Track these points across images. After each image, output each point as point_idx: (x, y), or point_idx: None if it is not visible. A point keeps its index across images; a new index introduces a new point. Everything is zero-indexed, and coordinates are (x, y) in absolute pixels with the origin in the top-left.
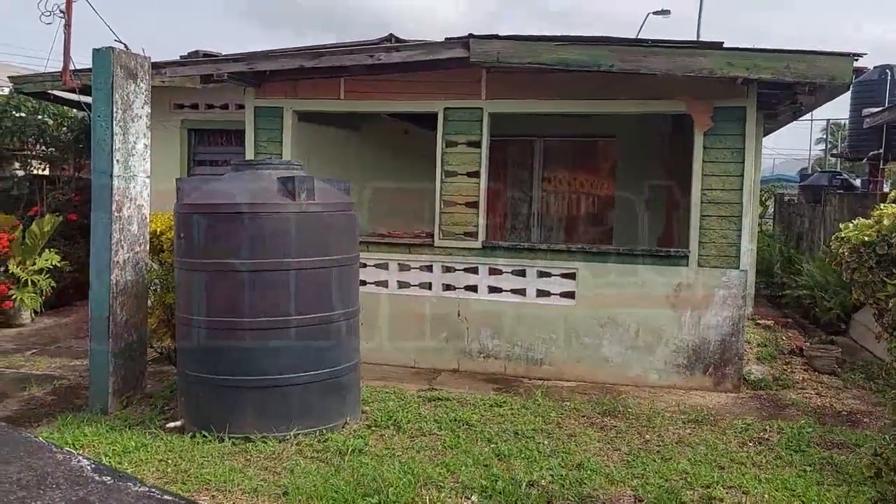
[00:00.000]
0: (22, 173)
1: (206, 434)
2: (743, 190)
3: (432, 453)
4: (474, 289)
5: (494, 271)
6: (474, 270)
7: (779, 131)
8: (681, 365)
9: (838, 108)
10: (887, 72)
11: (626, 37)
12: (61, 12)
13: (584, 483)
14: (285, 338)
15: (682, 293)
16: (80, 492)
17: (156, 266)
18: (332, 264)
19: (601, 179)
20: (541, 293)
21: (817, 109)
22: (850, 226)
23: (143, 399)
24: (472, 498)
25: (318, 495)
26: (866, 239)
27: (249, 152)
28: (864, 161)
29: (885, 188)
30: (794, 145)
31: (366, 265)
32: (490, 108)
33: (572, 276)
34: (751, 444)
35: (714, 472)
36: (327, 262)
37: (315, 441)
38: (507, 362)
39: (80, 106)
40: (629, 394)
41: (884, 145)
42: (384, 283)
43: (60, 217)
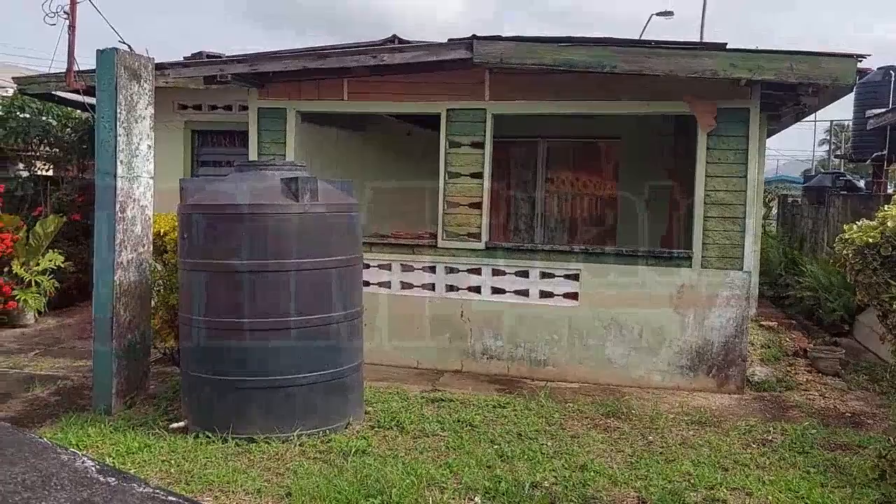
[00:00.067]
0: (26, 174)
1: (210, 435)
2: (746, 191)
3: (435, 454)
4: (477, 289)
5: (498, 272)
6: (477, 271)
7: (782, 132)
8: (684, 366)
9: (842, 110)
10: (891, 73)
11: (629, 38)
12: (65, 14)
13: (588, 484)
14: (287, 338)
15: (686, 294)
16: (85, 493)
17: (159, 267)
18: (335, 265)
19: (604, 180)
20: (544, 294)
21: (821, 111)
22: (854, 227)
23: (146, 400)
24: (476, 499)
25: (321, 496)
26: (870, 240)
27: (253, 153)
28: (868, 162)
29: (889, 190)
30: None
31: (369, 266)
32: (493, 110)
33: (575, 276)
34: (754, 446)
35: (717, 473)
36: (330, 262)
37: (318, 442)
38: (511, 363)
39: (84, 107)
40: (632, 395)
41: (888, 146)
42: (387, 284)
43: (64, 218)
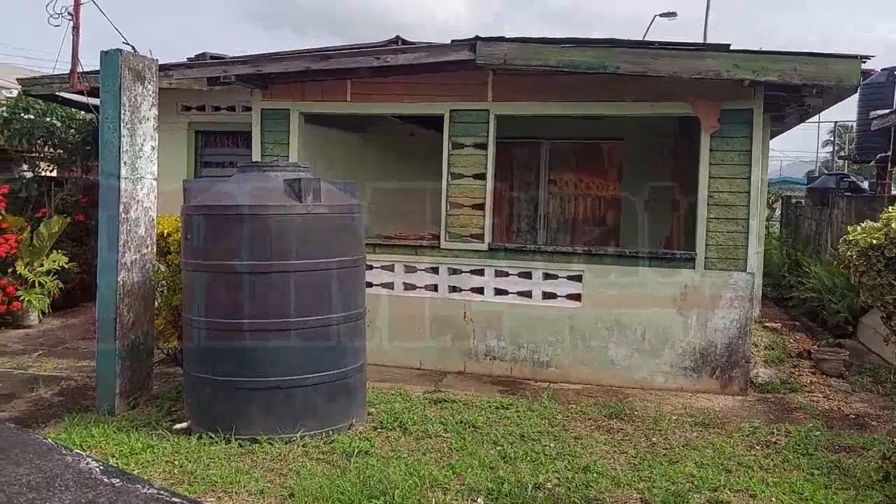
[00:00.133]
0: (30, 175)
1: (213, 435)
2: (750, 192)
3: (438, 455)
4: (480, 291)
5: (500, 273)
6: (480, 272)
7: (786, 133)
8: (687, 368)
9: (846, 111)
10: (895, 74)
11: (633, 39)
12: (69, 15)
13: (591, 486)
14: (290, 339)
15: (689, 296)
16: (90, 494)
17: (162, 268)
18: (338, 266)
19: (607, 182)
20: (547, 295)
21: (825, 112)
22: (859, 229)
23: (149, 400)
24: (479, 500)
25: (323, 497)
26: (874, 242)
27: (256, 154)
28: (872, 163)
29: (894, 191)
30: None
31: (372, 267)
32: (496, 111)
33: (578, 278)
34: (758, 448)
35: (721, 475)
36: (333, 263)
37: (321, 443)
38: (513, 364)
39: (87, 108)
40: (635, 396)
41: (892, 148)
42: (390, 285)
43: (68, 218)
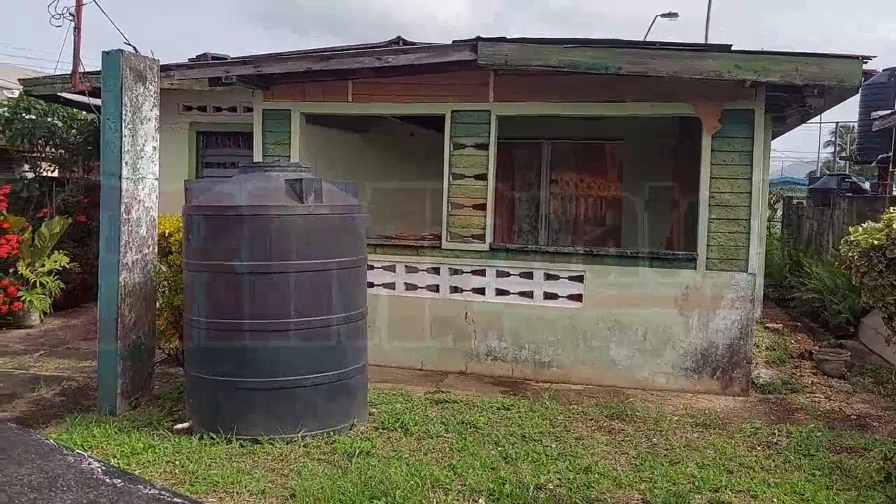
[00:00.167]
0: (32, 175)
1: (214, 436)
2: (751, 193)
3: (439, 456)
4: (482, 291)
5: (502, 273)
6: (482, 273)
7: (787, 134)
8: (689, 368)
9: (847, 111)
10: None
11: (634, 39)
12: (71, 15)
13: (592, 487)
14: (292, 339)
15: (690, 296)
16: (91, 494)
17: (164, 268)
18: (340, 266)
19: (608, 182)
20: (548, 296)
21: (826, 112)
22: (860, 229)
23: (151, 400)
24: (480, 501)
25: (325, 497)
26: (876, 242)
27: (257, 154)
28: (874, 164)
29: (895, 192)
30: (802, 148)
31: (373, 267)
32: (498, 111)
33: (579, 278)
34: (759, 448)
35: (722, 476)
36: (335, 264)
37: (322, 443)
38: (515, 365)
39: (89, 108)
40: (637, 397)
41: (893, 148)
42: (391, 286)
43: (69, 219)
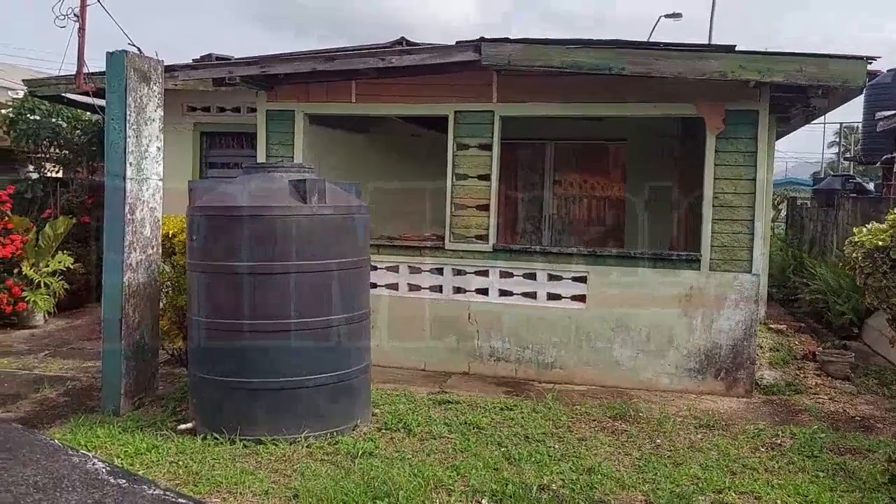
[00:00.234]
0: (36, 176)
1: (217, 436)
2: (755, 193)
3: (442, 456)
4: (485, 292)
5: (505, 274)
6: (485, 273)
7: (791, 134)
8: (692, 369)
9: (851, 112)
10: None
11: (637, 40)
12: (75, 16)
13: (595, 487)
14: (295, 340)
15: (694, 297)
16: (96, 494)
17: (168, 269)
18: (344, 266)
19: (612, 182)
20: (551, 296)
21: (830, 113)
22: (864, 230)
23: (154, 401)
24: (483, 502)
25: (328, 498)
26: (880, 243)
27: (261, 155)
28: (878, 165)
29: None
30: (806, 149)
31: (376, 268)
32: (501, 112)
33: (583, 279)
34: (763, 450)
35: (726, 477)
36: (338, 264)
37: (325, 443)
38: (518, 365)
39: (93, 109)
40: (640, 398)
41: None
42: (394, 286)
43: (73, 219)
